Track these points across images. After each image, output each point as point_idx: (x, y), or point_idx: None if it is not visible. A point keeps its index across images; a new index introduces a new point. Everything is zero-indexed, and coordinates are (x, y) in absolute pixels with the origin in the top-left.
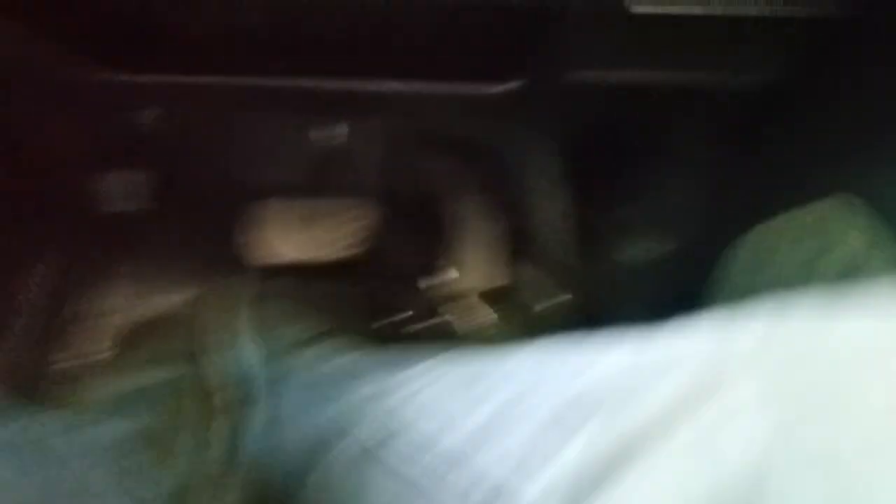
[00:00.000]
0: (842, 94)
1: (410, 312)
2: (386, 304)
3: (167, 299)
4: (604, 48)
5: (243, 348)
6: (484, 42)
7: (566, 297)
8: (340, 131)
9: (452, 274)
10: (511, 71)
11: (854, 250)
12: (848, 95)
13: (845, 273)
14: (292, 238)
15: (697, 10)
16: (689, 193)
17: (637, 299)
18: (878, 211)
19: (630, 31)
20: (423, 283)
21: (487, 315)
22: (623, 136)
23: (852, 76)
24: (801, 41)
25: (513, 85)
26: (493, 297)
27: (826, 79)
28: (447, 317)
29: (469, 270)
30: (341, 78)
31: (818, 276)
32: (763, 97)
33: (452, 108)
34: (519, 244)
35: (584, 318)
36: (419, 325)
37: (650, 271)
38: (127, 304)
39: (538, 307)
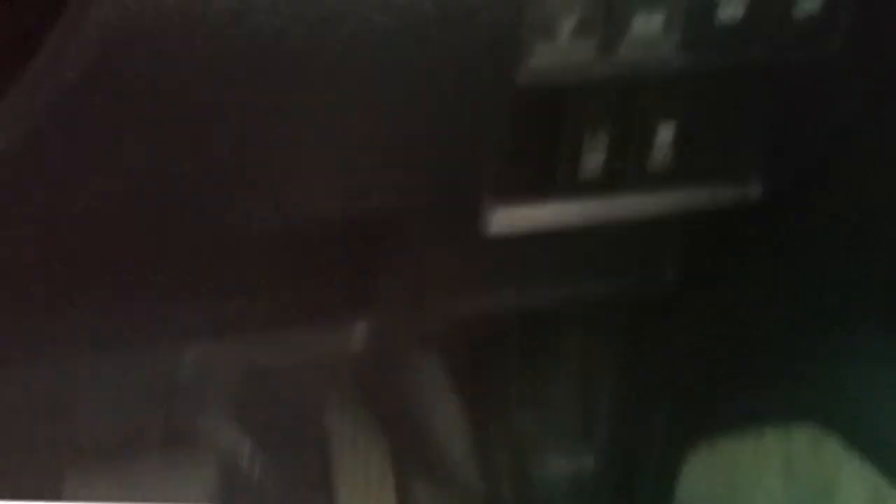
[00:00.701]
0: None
1: None
2: None
3: None
4: (471, 273)
5: None
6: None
7: None
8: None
9: None
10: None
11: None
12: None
13: None
14: None
15: (573, 218)
16: (599, 403)
17: None
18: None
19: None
20: None
21: None
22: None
23: (764, 270)
24: (706, 235)
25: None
26: None
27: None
28: None
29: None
30: None
31: None
32: (664, 301)
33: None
34: (410, 465)
35: None
36: None
37: (570, 492)
38: None
39: None
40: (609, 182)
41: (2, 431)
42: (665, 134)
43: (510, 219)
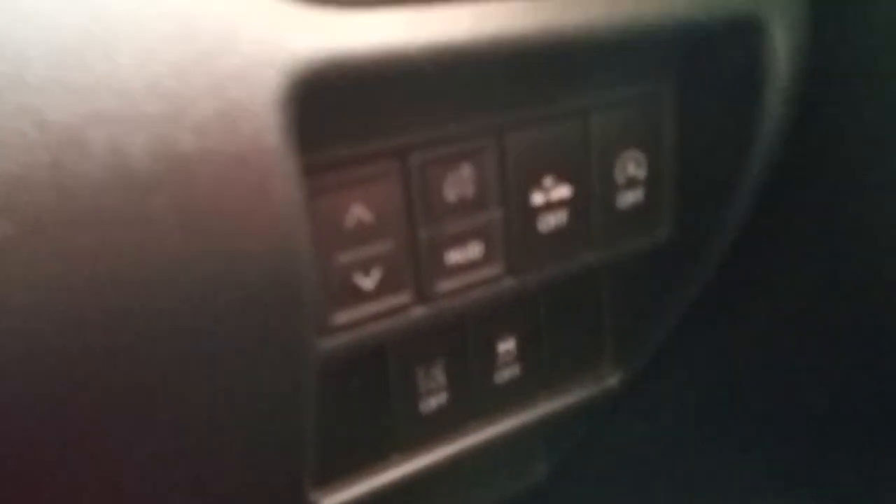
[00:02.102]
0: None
1: None
2: None
3: None
4: None
5: None
6: None
7: None
8: None
9: None
10: None
11: None
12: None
13: None
14: None
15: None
16: None
17: None
18: None
19: None
20: None
21: None
22: None
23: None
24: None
25: None
26: None
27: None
28: None
29: None
30: None
31: None
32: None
33: None
34: None
35: None
36: None
37: None
38: None
39: None
40: (454, 416)
41: None
42: (506, 349)
43: (347, 493)
